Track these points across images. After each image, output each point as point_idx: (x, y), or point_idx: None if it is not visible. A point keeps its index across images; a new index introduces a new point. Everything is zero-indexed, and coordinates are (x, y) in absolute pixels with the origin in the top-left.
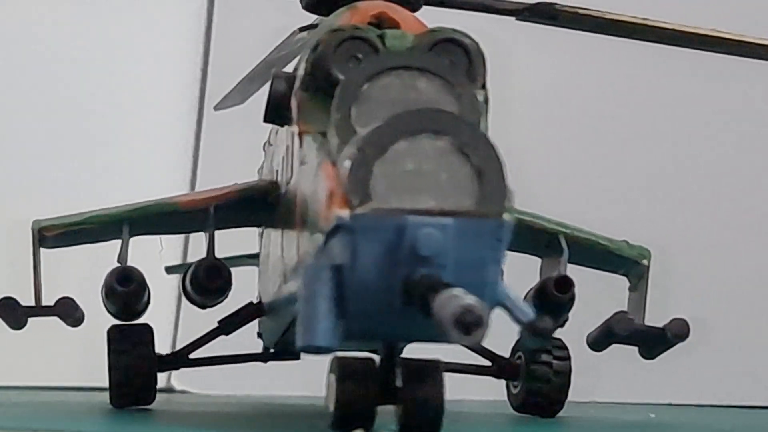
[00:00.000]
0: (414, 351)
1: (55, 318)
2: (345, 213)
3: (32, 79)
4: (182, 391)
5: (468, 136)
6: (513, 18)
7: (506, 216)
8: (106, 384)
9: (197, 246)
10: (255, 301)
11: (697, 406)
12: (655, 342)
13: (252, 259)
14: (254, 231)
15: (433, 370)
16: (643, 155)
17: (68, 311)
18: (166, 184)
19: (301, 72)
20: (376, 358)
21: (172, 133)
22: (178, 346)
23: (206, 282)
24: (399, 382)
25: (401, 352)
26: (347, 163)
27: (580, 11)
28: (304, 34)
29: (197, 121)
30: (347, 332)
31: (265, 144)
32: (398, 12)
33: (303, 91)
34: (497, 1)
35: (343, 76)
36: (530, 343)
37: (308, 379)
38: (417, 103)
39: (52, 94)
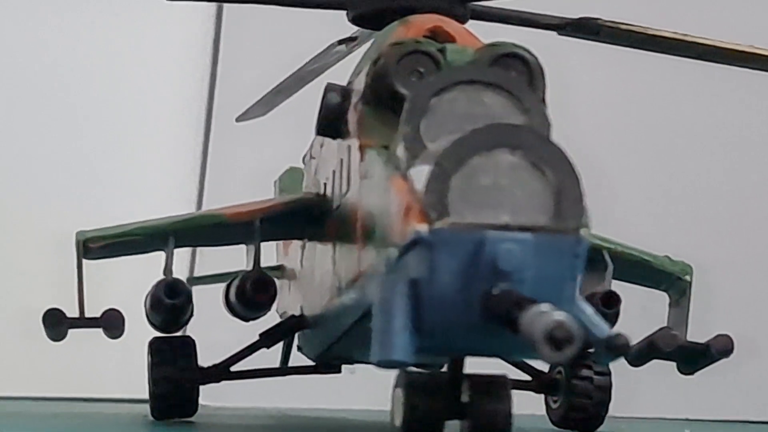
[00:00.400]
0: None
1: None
2: (423, 227)
3: (38, 89)
4: None
5: (544, 150)
6: (555, 33)
7: (583, 232)
8: (146, 396)
9: (204, 258)
10: (278, 312)
11: (732, 422)
12: (697, 358)
13: (273, 271)
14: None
15: (501, 386)
16: (685, 170)
17: (114, 323)
18: (174, 197)
19: (360, 86)
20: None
21: (180, 146)
22: None
23: (253, 295)
24: (465, 397)
25: None
26: (424, 177)
27: (622, 27)
28: (342, 47)
29: (205, 133)
30: (422, 347)
31: (305, 156)
32: (452, 26)
33: (364, 104)
34: (541, 16)
35: (405, 90)
36: (605, 360)
37: (316, 392)
38: (487, 118)
39: (60, 106)
